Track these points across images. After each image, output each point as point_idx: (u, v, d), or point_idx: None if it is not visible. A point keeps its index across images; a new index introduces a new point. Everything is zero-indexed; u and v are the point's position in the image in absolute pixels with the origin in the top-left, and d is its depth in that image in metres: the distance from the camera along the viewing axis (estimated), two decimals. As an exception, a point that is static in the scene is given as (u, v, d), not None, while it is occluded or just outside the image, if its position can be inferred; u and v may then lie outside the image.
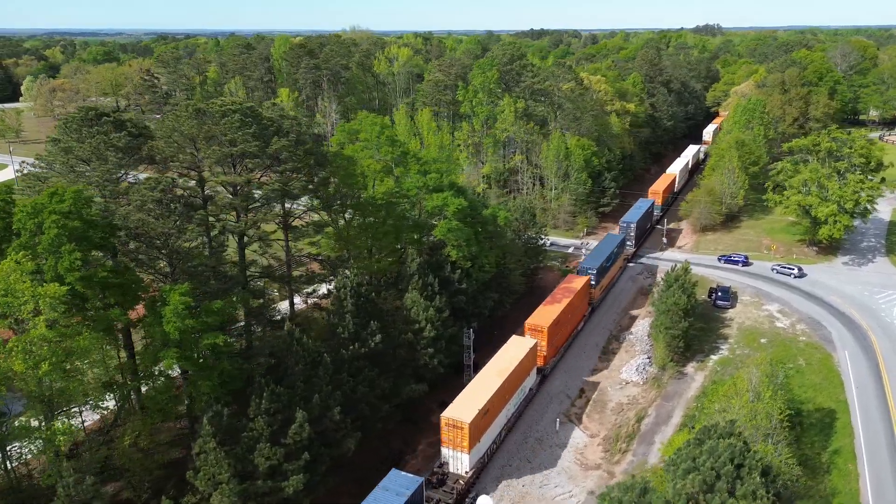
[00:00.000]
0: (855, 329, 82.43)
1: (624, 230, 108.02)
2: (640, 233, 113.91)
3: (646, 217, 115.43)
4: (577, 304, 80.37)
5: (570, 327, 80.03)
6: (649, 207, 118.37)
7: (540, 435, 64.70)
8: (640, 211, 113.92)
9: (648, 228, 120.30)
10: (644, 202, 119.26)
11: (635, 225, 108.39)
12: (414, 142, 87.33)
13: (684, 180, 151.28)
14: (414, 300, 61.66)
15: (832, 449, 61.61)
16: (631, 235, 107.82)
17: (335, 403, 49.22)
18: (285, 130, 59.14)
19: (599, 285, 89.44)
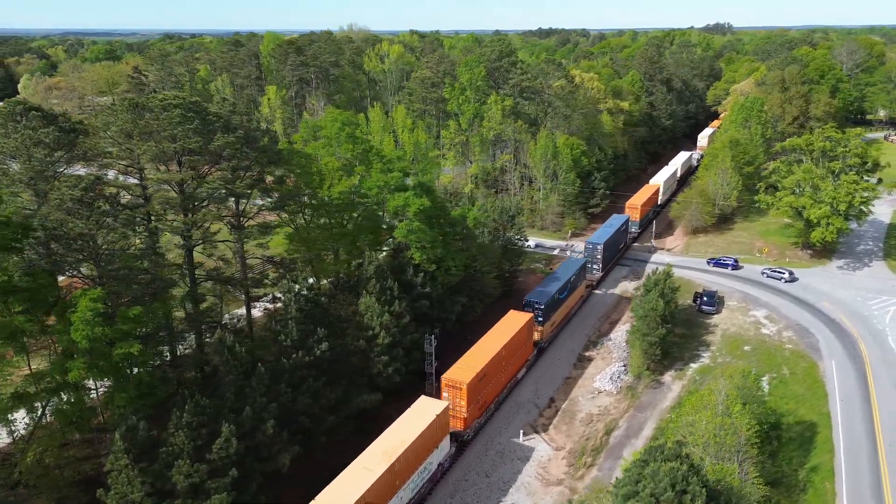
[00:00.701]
0: (844, 337, 78.66)
1: (589, 252, 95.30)
2: (610, 255, 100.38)
3: (617, 236, 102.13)
4: (515, 349, 66.86)
5: (504, 377, 66.19)
6: (622, 225, 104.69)
7: (502, 447, 61.55)
8: (610, 229, 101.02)
9: (621, 248, 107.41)
10: (617, 219, 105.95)
11: (602, 246, 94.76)
12: (388, 139, 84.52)
13: (671, 191, 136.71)
14: (368, 305, 58.68)
15: (810, 466, 58.06)
16: (597, 258, 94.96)
17: (269, 416, 46.32)
18: (233, 127, 56.28)
19: (550, 321, 76.66)
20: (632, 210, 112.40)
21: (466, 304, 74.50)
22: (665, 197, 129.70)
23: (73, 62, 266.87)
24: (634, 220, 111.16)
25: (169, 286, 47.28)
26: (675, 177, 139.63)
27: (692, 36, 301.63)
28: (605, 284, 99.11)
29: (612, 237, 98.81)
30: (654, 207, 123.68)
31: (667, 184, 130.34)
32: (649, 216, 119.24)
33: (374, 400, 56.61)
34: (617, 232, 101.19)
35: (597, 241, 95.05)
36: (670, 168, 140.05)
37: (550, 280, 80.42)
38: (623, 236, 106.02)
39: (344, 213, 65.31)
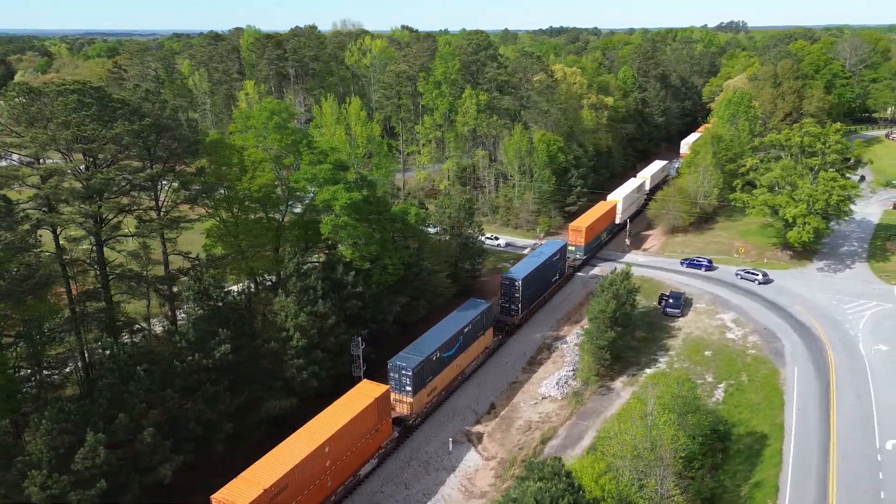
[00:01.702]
0: (812, 342, 74.26)
1: (505, 290, 77.82)
2: (536, 292, 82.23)
3: (547, 268, 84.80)
4: (350, 441, 50.18)
5: (338, 479, 49.86)
6: (556, 253, 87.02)
7: (428, 457, 58.01)
8: (537, 259, 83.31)
9: (555, 282, 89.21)
10: (550, 245, 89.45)
11: (522, 283, 76.84)
12: (340, 131, 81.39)
13: (636, 208, 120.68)
14: (282, 305, 55.40)
15: (754, 481, 53.96)
16: (515, 297, 77.54)
17: (149, 423, 43.14)
18: (141, 114, 53.25)
19: (425, 389, 59.78)
20: (574, 234, 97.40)
21: (408, 304, 70.93)
22: (626, 215, 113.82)
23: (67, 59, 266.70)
24: (579, 245, 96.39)
25: (46, 282, 44.26)
26: (643, 191, 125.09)
27: (695, 32, 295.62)
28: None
29: (539, 270, 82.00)
30: (610, 228, 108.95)
31: (628, 200, 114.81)
32: (601, 239, 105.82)
33: (286, 405, 53.26)
34: (547, 263, 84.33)
35: (515, 277, 77.58)
36: (636, 181, 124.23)
37: (434, 332, 64.02)
38: (558, 266, 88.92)
39: (270, 207, 62.12)
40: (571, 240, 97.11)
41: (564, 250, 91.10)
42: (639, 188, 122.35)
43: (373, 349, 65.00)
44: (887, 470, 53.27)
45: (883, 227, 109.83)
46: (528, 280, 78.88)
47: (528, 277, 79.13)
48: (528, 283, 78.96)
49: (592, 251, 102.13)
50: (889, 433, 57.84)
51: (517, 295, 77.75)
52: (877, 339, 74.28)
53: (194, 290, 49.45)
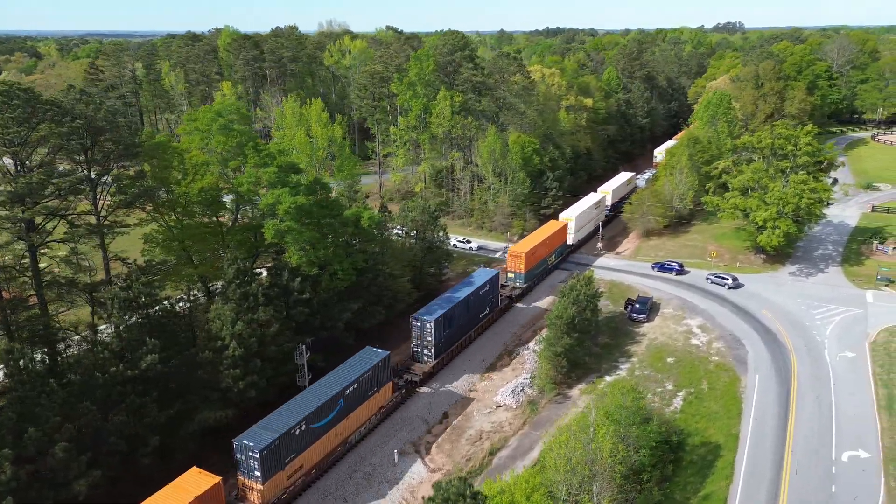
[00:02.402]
0: (776, 349, 72.74)
1: (417, 332, 67.70)
2: (456, 332, 71.72)
3: (473, 304, 74.40)
4: None
5: None
6: (486, 284, 76.96)
7: (372, 469, 56.39)
8: (461, 293, 73.39)
9: (483, 318, 77.94)
10: (481, 274, 78.93)
11: (433, 325, 66.52)
12: (300, 133, 79.78)
13: (593, 228, 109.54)
14: (218, 312, 53.81)
15: (704, 493, 52.44)
16: (427, 342, 67.50)
17: (63, 437, 41.54)
18: (72, 116, 51.68)
19: (284, 472, 48.75)
20: (514, 259, 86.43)
21: (362, 309, 69.33)
22: (581, 235, 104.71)
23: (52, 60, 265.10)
24: (518, 272, 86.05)
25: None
26: (602, 207, 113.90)
27: (684, 33, 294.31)
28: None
29: (461, 306, 71.85)
30: (560, 250, 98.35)
31: (584, 218, 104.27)
32: (548, 264, 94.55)
33: (220, 417, 51.66)
34: (472, 297, 73.92)
35: (426, 318, 67.06)
36: (594, 196, 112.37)
37: (305, 397, 52.91)
38: (488, 299, 78.74)
39: (213, 211, 60.57)
40: (510, 266, 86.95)
41: (496, 280, 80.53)
42: (597, 204, 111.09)
43: (322, 357, 63.43)
44: (840, 482, 51.81)
45: (860, 231, 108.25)
46: (444, 320, 68.50)
47: (446, 316, 68.85)
48: (443, 323, 68.54)
49: (536, 278, 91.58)
50: (847, 444, 56.37)
51: (429, 339, 67.35)
52: (843, 345, 72.78)
53: (120, 298, 47.80)
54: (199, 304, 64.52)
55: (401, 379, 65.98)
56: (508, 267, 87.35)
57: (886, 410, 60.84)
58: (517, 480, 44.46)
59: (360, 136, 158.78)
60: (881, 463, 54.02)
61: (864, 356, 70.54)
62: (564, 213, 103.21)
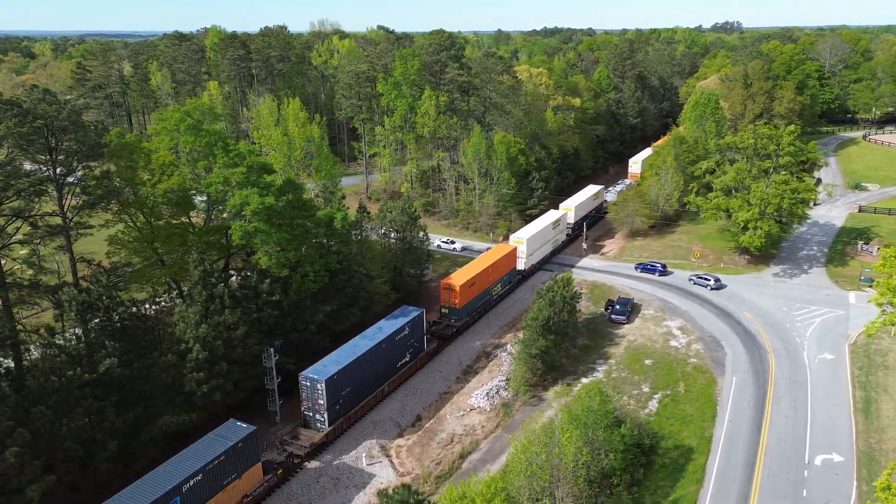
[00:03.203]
0: (755, 351, 72.11)
1: (308, 394, 56.18)
2: (361, 389, 60.34)
3: (384, 353, 63.25)
4: None
5: None
6: (405, 328, 66.08)
7: (339, 473, 55.72)
8: (368, 341, 61.94)
9: (400, 367, 66.83)
10: (400, 316, 67.82)
11: (324, 385, 54.91)
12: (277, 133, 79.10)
13: (550, 250, 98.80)
14: (181, 315, 53.15)
15: (673, 497, 51.81)
16: (319, 405, 55.79)
17: (14, 442, 40.87)
18: (34, 116, 51.01)
19: None
20: (447, 293, 75.55)
21: (336, 311, 68.64)
22: (535, 259, 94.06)
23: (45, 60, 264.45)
24: (453, 307, 75.47)
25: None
26: (563, 227, 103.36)
27: (678, 32, 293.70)
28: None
29: (366, 359, 60.34)
30: (509, 277, 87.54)
31: (538, 240, 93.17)
32: (491, 295, 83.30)
33: (182, 421, 50.95)
34: (382, 347, 62.70)
35: (317, 377, 55.32)
36: (553, 215, 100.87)
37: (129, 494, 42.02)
38: (408, 344, 67.52)
39: (181, 211, 59.91)
40: (444, 300, 76.32)
41: (420, 321, 69.23)
42: (556, 223, 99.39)
43: (293, 359, 62.76)
44: (812, 486, 51.25)
45: (846, 231, 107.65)
46: (341, 378, 56.94)
47: (344, 373, 57.30)
48: (340, 382, 57.06)
49: (477, 312, 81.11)
50: (821, 448, 55.81)
51: (321, 402, 55.69)
52: (822, 347, 72.20)
53: (79, 300, 47.13)
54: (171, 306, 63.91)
55: (282, 452, 55.05)
56: (442, 301, 76.71)
57: (863, 413, 60.25)
58: (478, 485, 43.70)
59: (348, 136, 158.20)
60: (854, 466, 53.47)
61: (844, 358, 69.97)
62: (515, 235, 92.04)
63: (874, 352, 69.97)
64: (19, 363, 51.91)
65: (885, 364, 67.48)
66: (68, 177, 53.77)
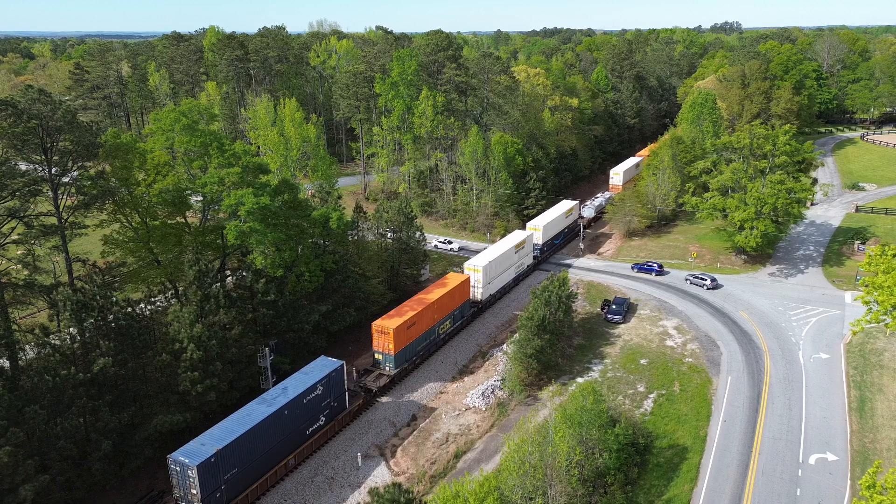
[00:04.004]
0: (751, 350, 72.19)
1: (178, 481, 44.70)
2: (252, 468, 48.90)
3: (289, 420, 51.78)
4: None
5: None
6: (317, 386, 54.69)
7: (334, 472, 55.80)
8: (270, 406, 50.40)
9: (311, 434, 55.01)
10: (316, 369, 56.42)
11: (196, 472, 43.64)
12: (273, 133, 79.19)
13: (514, 275, 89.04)
14: (176, 315, 53.25)
15: (667, 497, 51.88)
16: (192, 495, 44.31)
17: (9, 441, 40.96)
18: (28, 116, 51.16)
19: None
20: (380, 336, 64.96)
21: (332, 312, 68.75)
22: (493, 289, 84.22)
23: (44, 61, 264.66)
24: (387, 353, 64.95)
25: None
26: (529, 249, 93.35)
27: (676, 33, 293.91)
28: None
29: (261, 431, 48.96)
30: (461, 312, 77.71)
31: (497, 266, 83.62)
32: (439, 334, 73.20)
33: (179, 420, 51.01)
34: (284, 413, 51.20)
35: (189, 460, 43.99)
36: (517, 236, 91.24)
37: None
38: (321, 405, 56.08)
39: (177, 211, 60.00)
40: (377, 344, 65.62)
41: (338, 378, 57.67)
42: (520, 246, 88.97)
43: (288, 359, 62.90)
44: (806, 486, 51.33)
45: (843, 231, 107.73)
46: (222, 459, 45.65)
47: (229, 451, 46.14)
48: (223, 464, 45.79)
49: (418, 356, 70.04)
50: (815, 447, 55.87)
51: (194, 492, 44.25)
52: (818, 347, 72.28)
53: (73, 300, 47.21)
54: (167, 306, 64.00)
55: None
56: (374, 345, 66.14)
57: (857, 413, 60.32)
58: (472, 484, 43.80)
59: (346, 136, 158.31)
60: (848, 466, 53.55)
61: (839, 358, 70.06)
62: (470, 262, 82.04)
63: (869, 351, 70.03)
64: (14, 363, 52.05)
65: (880, 364, 67.54)
66: (63, 177, 53.95)
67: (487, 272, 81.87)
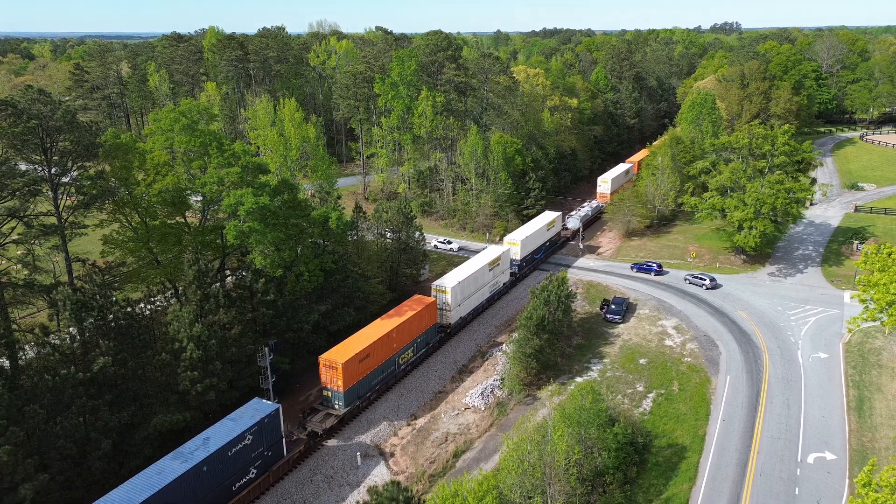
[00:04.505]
0: (750, 350, 72.30)
1: None
2: None
3: (209, 477, 45.32)
4: None
5: None
6: (246, 435, 48.28)
7: (333, 471, 55.90)
8: (192, 458, 44.47)
9: (240, 488, 48.58)
10: (248, 415, 49.96)
11: None
12: (272, 133, 79.31)
13: (488, 295, 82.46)
14: (175, 314, 53.35)
15: (666, 496, 51.96)
16: None
17: (9, 441, 41.05)
18: (28, 116, 51.27)
19: None
20: (328, 371, 58.37)
21: (331, 311, 68.84)
22: (467, 310, 77.66)
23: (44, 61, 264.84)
24: (336, 391, 58.29)
25: None
26: (506, 266, 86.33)
27: (676, 33, 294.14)
28: None
29: (174, 491, 42.36)
30: (425, 338, 70.42)
31: (470, 285, 77.05)
32: (397, 365, 66.01)
33: (178, 420, 51.10)
34: (204, 468, 44.96)
35: None
36: (494, 251, 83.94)
37: None
38: (252, 455, 49.34)
39: (176, 211, 60.12)
40: (324, 379, 59.01)
41: (273, 424, 51.05)
42: (494, 263, 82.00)
43: (288, 359, 63.01)
44: (804, 485, 51.42)
45: (842, 231, 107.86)
46: None
47: None
48: None
49: (371, 392, 62.85)
50: (813, 446, 56.00)
51: None
52: (817, 346, 72.40)
53: (73, 299, 47.31)
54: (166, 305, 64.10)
55: None
56: (322, 381, 59.55)
57: (856, 412, 60.44)
58: (470, 483, 43.90)
59: (346, 136, 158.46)
60: (847, 465, 53.66)
61: (838, 357, 70.17)
62: (439, 282, 75.69)
63: (868, 351, 70.15)
64: (14, 362, 52.15)
65: (879, 363, 67.68)
66: (63, 177, 54.03)
67: (457, 293, 75.38)
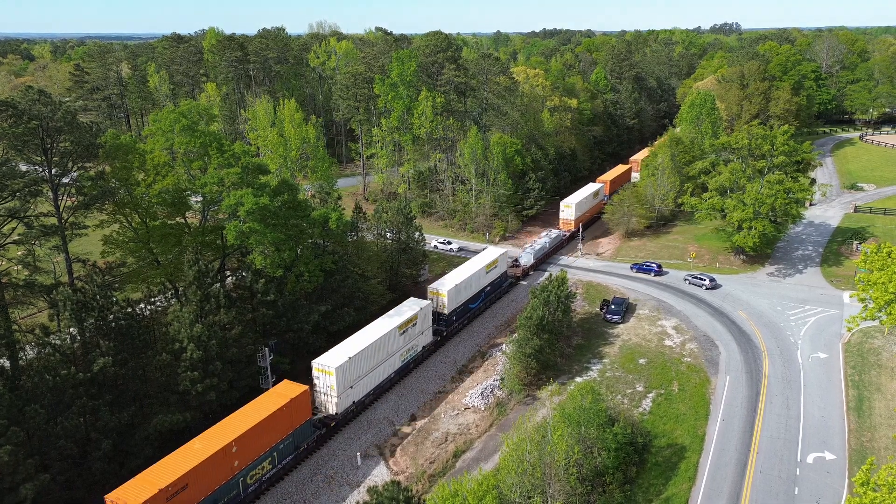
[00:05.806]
0: (749, 350, 72.37)
1: None
2: None
3: None
4: None
5: None
6: None
7: (333, 471, 55.96)
8: None
9: None
10: None
11: None
12: (273, 133, 79.41)
13: (404, 364, 65.99)
14: (175, 314, 53.42)
15: (665, 496, 52.02)
16: None
17: (10, 441, 41.13)
18: (29, 117, 51.36)
19: None
20: None
21: (331, 312, 68.89)
22: (360, 395, 60.35)
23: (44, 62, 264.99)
24: None
25: None
26: (428, 325, 70.59)
27: (675, 34, 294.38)
28: None
29: None
30: (290, 445, 51.69)
31: (362, 363, 59.19)
32: (247, 485, 48.08)
33: (178, 420, 51.17)
34: None
35: None
36: (412, 306, 68.41)
37: None
38: None
39: (176, 211, 60.21)
40: None
41: None
42: (408, 324, 66.27)
43: (288, 359, 63.09)
44: (804, 485, 51.48)
45: (841, 231, 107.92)
46: None
47: None
48: None
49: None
50: (813, 446, 56.06)
51: None
52: (816, 346, 72.47)
53: (73, 300, 47.38)
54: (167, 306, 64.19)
55: None
56: None
57: (855, 412, 60.50)
58: (470, 483, 43.96)
59: (345, 137, 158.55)
60: (846, 465, 53.71)
61: (837, 357, 70.24)
62: (319, 360, 57.65)
63: (867, 351, 70.23)
64: (14, 362, 52.21)
65: (879, 363, 67.76)
66: (63, 177, 54.13)
67: (345, 374, 57.21)
